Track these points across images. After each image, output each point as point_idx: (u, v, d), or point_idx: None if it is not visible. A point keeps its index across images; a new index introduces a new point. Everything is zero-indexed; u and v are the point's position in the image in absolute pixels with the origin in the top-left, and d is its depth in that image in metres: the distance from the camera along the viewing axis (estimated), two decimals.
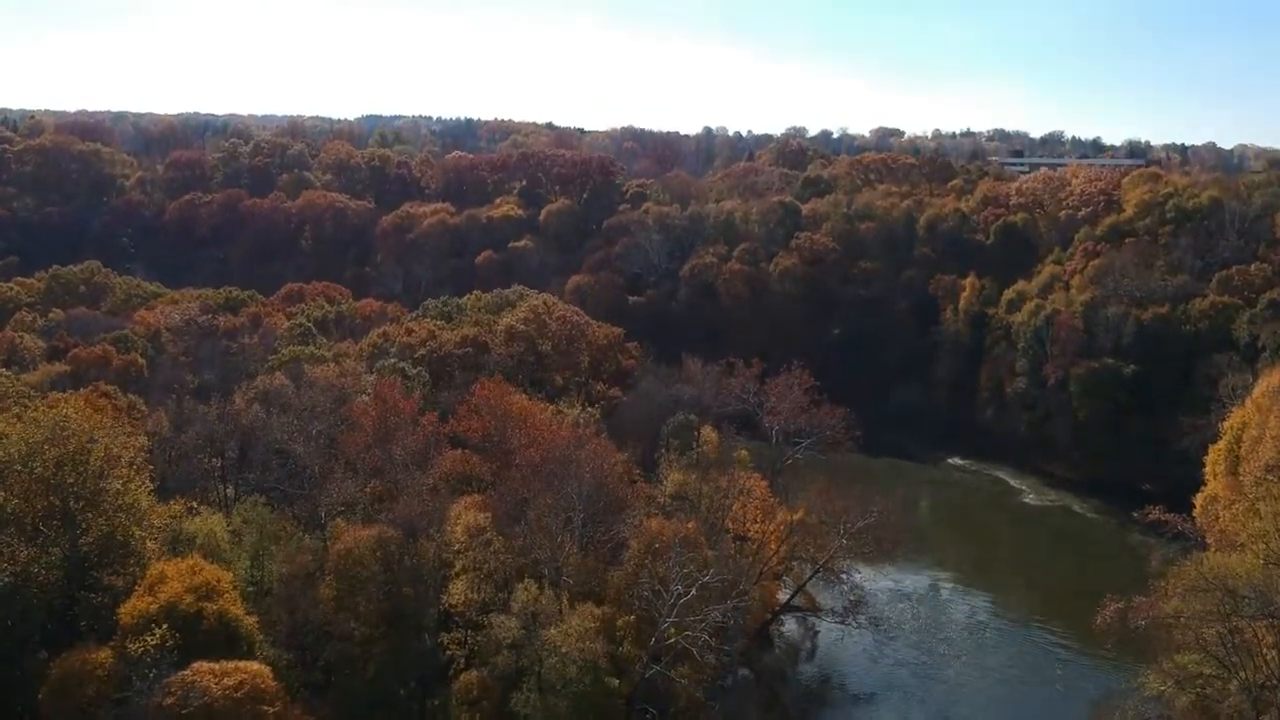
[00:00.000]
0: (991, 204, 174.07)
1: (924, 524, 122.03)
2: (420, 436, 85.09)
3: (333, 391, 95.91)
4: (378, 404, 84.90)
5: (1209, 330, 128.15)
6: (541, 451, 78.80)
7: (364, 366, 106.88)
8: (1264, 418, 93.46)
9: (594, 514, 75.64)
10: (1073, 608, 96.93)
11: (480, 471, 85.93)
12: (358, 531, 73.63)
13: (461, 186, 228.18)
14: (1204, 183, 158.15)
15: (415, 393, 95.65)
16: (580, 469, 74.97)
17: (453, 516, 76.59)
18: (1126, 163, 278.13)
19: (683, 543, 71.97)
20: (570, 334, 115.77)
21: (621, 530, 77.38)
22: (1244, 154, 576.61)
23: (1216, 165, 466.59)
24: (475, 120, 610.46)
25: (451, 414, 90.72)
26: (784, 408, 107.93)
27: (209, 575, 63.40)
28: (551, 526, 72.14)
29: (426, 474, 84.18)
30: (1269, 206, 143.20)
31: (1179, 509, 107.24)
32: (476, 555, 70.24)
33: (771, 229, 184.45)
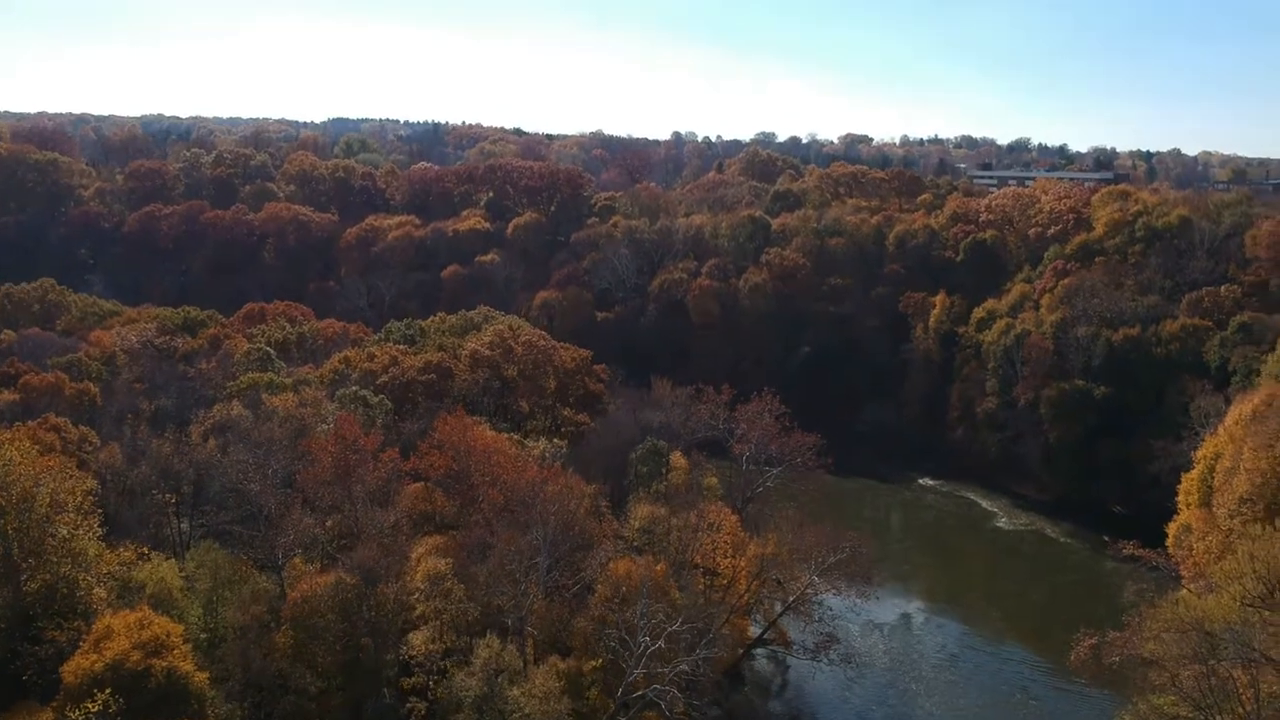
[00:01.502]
0: (961, 221, 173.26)
1: (896, 550, 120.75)
2: (381, 474, 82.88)
3: (292, 423, 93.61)
4: (337, 441, 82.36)
5: (1180, 353, 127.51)
6: (505, 492, 76.71)
7: (325, 393, 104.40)
8: (1237, 448, 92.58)
9: (559, 557, 73.66)
10: (1047, 640, 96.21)
11: (443, 507, 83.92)
12: (315, 578, 71.47)
13: (427, 198, 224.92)
14: (1173, 201, 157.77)
15: (376, 428, 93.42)
16: (545, 511, 72.95)
17: (414, 560, 74.57)
18: (1094, 177, 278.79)
19: (651, 588, 70.10)
20: (537, 359, 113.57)
21: (588, 571, 75.49)
22: (1208, 161, 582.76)
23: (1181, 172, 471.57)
24: (443, 125, 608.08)
25: (414, 447, 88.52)
26: (754, 435, 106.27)
27: (158, 629, 60.90)
28: (515, 573, 70.06)
29: (388, 511, 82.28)
30: (1238, 226, 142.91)
31: (1150, 532, 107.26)
32: (437, 604, 68.07)
33: (741, 244, 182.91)
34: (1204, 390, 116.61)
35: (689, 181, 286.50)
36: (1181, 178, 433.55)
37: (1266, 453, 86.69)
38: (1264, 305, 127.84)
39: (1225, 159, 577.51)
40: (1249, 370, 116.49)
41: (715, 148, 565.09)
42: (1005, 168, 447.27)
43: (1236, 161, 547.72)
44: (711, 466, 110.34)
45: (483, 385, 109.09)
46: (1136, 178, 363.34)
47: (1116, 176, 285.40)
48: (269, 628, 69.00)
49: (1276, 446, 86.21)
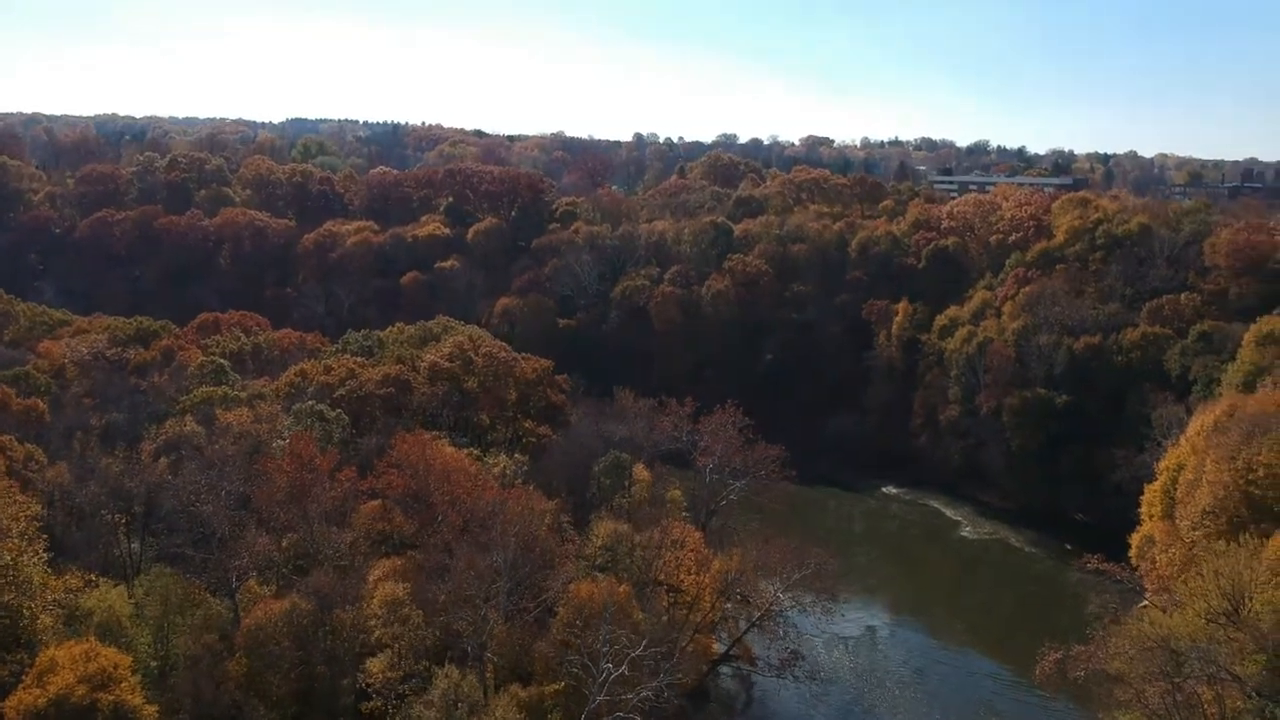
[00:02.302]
0: (923, 228, 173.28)
1: (861, 562, 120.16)
2: (338, 494, 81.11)
3: (247, 440, 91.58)
4: (292, 460, 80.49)
5: (1141, 361, 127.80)
6: (464, 514, 75.22)
7: (281, 407, 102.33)
8: (1200, 460, 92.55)
9: (520, 579, 72.22)
10: (1012, 653, 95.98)
11: (401, 526, 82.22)
12: (270, 604, 69.72)
13: (386, 203, 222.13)
14: (1133, 209, 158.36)
15: (333, 444, 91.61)
16: (505, 533, 71.50)
17: (371, 583, 72.93)
18: (1053, 183, 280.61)
19: (614, 612, 68.81)
20: (497, 370, 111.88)
21: (550, 593, 74.14)
22: (1164, 163, 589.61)
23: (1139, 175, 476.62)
24: (402, 125, 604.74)
25: (372, 463, 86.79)
26: (717, 448, 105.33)
27: (105, 661, 59.05)
28: (475, 598, 68.61)
29: (344, 531, 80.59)
30: (1197, 234, 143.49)
31: (1112, 541, 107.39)
32: (395, 631, 66.48)
33: (704, 250, 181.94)
34: (1165, 400, 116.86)
35: (651, 185, 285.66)
36: (1139, 181, 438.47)
37: (1229, 465, 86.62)
38: (1223, 314, 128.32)
39: (1181, 161, 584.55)
40: (1209, 379, 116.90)
41: (677, 149, 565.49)
42: (965, 171, 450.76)
43: (1192, 164, 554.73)
44: (675, 479, 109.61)
45: (442, 398, 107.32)
46: (1095, 182, 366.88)
47: (1075, 182, 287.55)
48: (221, 656, 67.21)
49: (1239, 459, 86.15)
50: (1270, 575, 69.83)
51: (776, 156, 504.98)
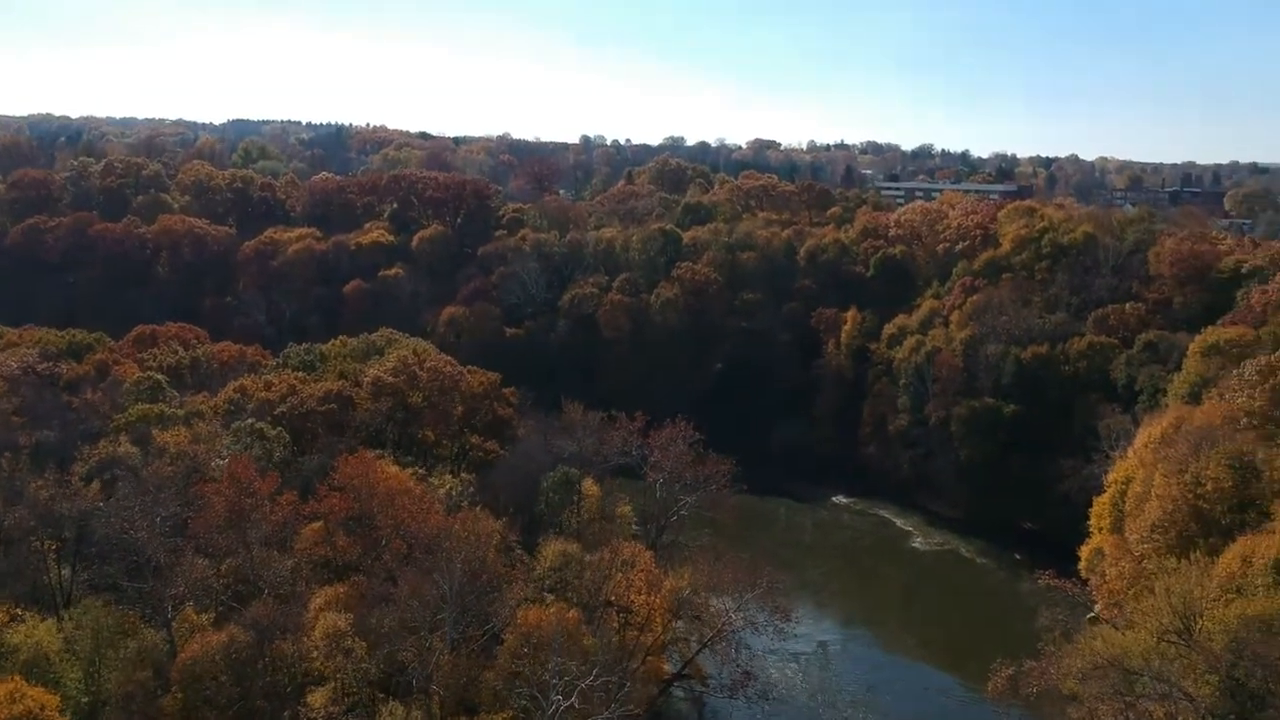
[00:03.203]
0: (871, 235, 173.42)
1: (814, 576, 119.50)
2: (278, 518, 78.73)
3: (184, 461, 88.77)
4: (231, 483, 77.95)
5: (1087, 371, 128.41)
6: (409, 539, 73.25)
7: (220, 425, 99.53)
8: (1148, 473, 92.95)
9: (467, 606, 70.33)
10: (965, 667, 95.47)
11: (344, 549, 79.96)
12: (207, 636, 67.31)
13: (329, 209, 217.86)
14: (1079, 218, 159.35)
15: (273, 463, 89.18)
16: (451, 560, 69.56)
17: (312, 612, 70.73)
18: (998, 189, 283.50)
19: (563, 641, 67.12)
20: (443, 385, 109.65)
21: (498, 615, 72.34)
22: (1105, 167, 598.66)
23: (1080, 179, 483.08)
24: (347, 127, 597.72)
25: (314, 484, 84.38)
26: (668, 463, 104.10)
27: (31, 702, 56.80)
28: (420, 627, 66.67)
29: (285, 556, 78.31)
30: (1141, 243, 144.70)
31: (1061, 549, 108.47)
32: (337, 663, 64.36)
33: (652, 257, 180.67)
34: (1112, 411, 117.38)
35: (598, 190, 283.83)
36: (1081, 185, 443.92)
37: (1177, 479, 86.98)
38: (1168, 323, 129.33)
39: (1122, 164, 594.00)
40: (1155, 389, 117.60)
41: (624, 152, 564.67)
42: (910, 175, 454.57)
43: (1132, 167, 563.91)
44: (625, 493, 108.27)
45: (386, 415, 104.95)
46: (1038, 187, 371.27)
47: (1020, 189, 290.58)
48: (155, 693, 64.74)
49: (1187, 473, 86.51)
50: (1221, 593, 70.00)
51: (724, 159, 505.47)
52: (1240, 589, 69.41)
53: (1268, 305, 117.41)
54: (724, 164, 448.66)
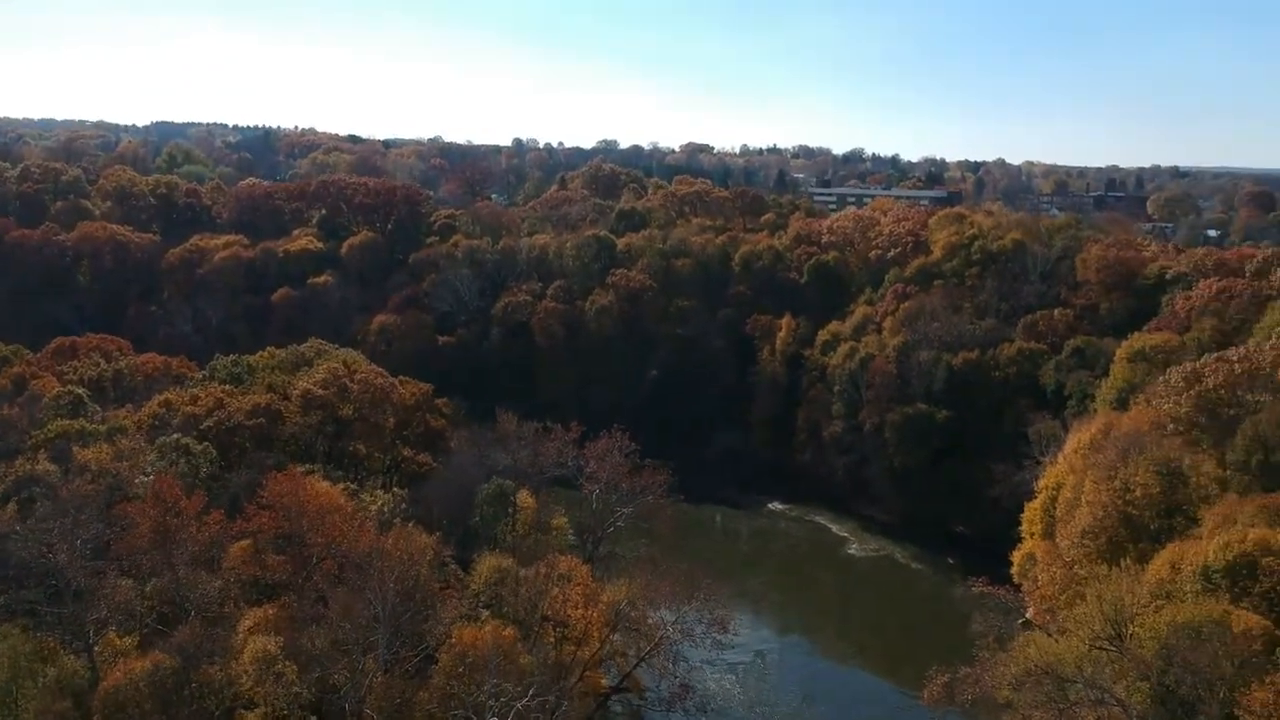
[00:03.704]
0: (804, 242, 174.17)
1: (751, 585, 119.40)
2: (205, 538, 76.63)
3: (106, 479, 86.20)
4: (155, 503, 75.72)
5: (1017, 376, 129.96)
6: (340, 559, 71.72)
7: (144, 439, 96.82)
8: (1079, 479, 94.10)
9: (400, 626, 68.97)
10: (903, 674, 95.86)
11: (274, 566, 78.08)
12: (131, 663, 65.16)
13: (256, 216, 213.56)
14: (1007, 224, 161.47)
15: (200, 479, 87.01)
16: (383, 580, 68.15)
17: (241, 634, 68.93)
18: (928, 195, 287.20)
19: (499, 663, 66.08)
20: (374, 397, 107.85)
21: (433, 634, 71.09)
22: (1031, 171, 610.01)
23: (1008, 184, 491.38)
24: (274, 130, 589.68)
25: (241, 504, 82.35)
26: (604, 474, 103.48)
27: None
28: (352, 650, 65.21)
29: (213, 576, 76.25)
30: (1069, 249, 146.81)
31: (993, 553, 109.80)
32: (268, 689, 62.70)
33: (586, 264, 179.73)
34: (1042, 417, 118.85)
35: (532, 195, 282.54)
36: (1008, 190, 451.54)
37: (1106, 485, 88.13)
38: (1095, 329, 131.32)
39: (1048, 169, 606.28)
40: (1084, 394, 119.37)
41: (557, 155, 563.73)
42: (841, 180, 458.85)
43: (1058, 172, 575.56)
44: (561, 504, 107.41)
45: (316, 428, 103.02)
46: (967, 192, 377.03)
47: (950, 196, 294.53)
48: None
49: (1116, 479, 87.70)
50: (1151, 599, 70.90)
51: (657, 163, 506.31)
52: (1170, 595, 70.36)
53: (1191, 311, 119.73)
54: (657, 168, 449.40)
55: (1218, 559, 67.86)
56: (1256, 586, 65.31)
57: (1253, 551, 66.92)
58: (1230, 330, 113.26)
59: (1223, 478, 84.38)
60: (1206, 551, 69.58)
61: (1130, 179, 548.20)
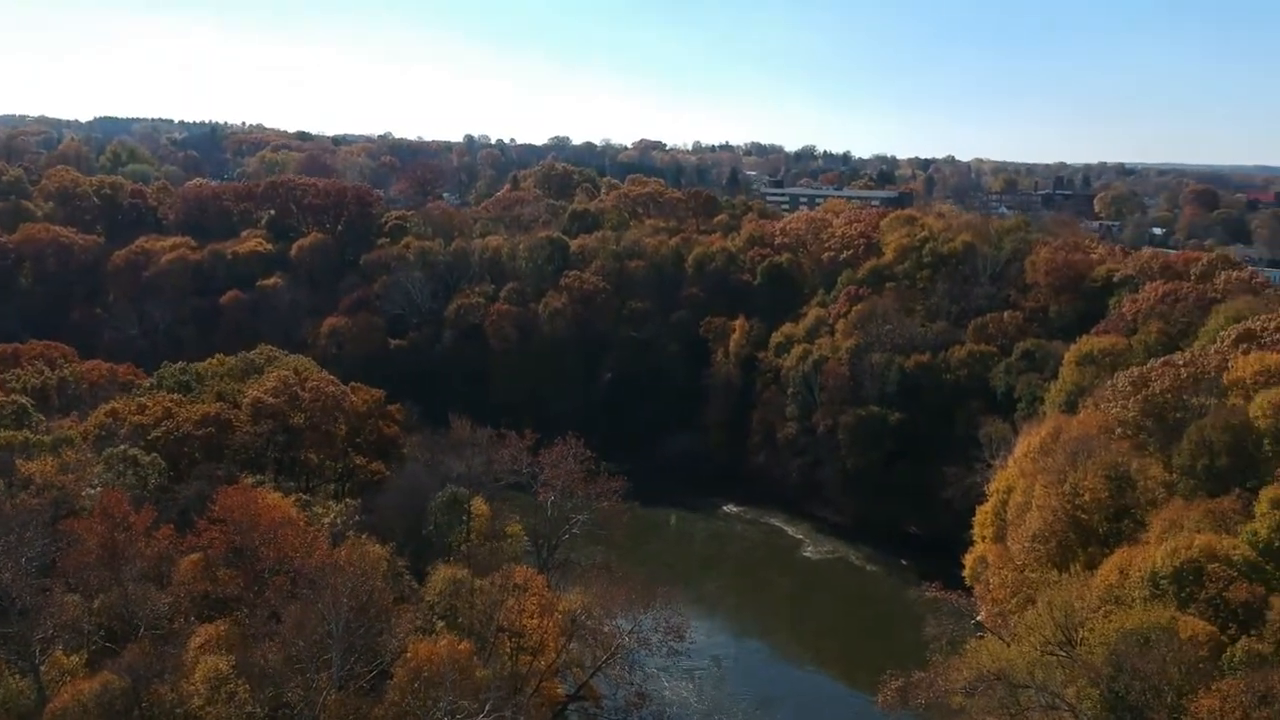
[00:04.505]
0: (757, 244, 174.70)
1: (708, 589, 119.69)
2: (154, 553, 75.35)
3: (51, 492, 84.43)
4: (103, 519, 74.34)
5: (968, 378, 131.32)
6: (293, 575, 70.87)
7: (90, 451, 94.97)
8: (1029, 482, 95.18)
9: (354, 642, 68.22)
10: (858, 678, 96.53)
11: (226, 581, 77.00)
12: (78, 684, 63.90)
13: (204, 217, 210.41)
14: (958, 226, 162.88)
15: (149, 491, 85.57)
16: (336, 595, 67.37)
17: (192, 652, 67.86)
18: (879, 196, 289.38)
19: (454, 680, 65.61)
20: (325, 405, 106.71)
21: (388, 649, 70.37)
22: (980, 168, 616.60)
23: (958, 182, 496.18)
24: (221, 126, 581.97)
25: (191, 518, 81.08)
26: (559, 481, 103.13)
27: None
28: (305, 667, 64.44)
29: (163, 592, 74.95)
30: (1018, 252, 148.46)
31: (945, 554, 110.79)
32: (219, 710, 61.78)
33: (540, 266, 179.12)
34: (992, 419, 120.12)
35: (484, 194, 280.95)
36: (958, 188, 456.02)
37: (1056, 490, 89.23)
38: (1044, 331, 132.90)
39: (997, 166, 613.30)
40: (1033, 397, 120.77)
41: (509, 153, 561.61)
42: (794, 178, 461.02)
43: (1007, 169, 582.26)
44: (516, 511, 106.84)
45: (266, 437, 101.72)
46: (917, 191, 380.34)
47: (901, 196, 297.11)
48: None
49: (1065, 483, 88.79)
50: (1100, 604, 71.87)
51: (610, 161, 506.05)
52: (1119, 600, 71.33)
53: (1138, 314, 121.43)
54: (610, 166, 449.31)
55: (1165, 565, 68.81)
56: (1203, 593, 66.25)
57: (1199, 558, 67.92)
58: (1176, 333, 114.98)
59: (1170, 481, 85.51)
60: (1154, 558, 70.54)
61: (1078, 176, 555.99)
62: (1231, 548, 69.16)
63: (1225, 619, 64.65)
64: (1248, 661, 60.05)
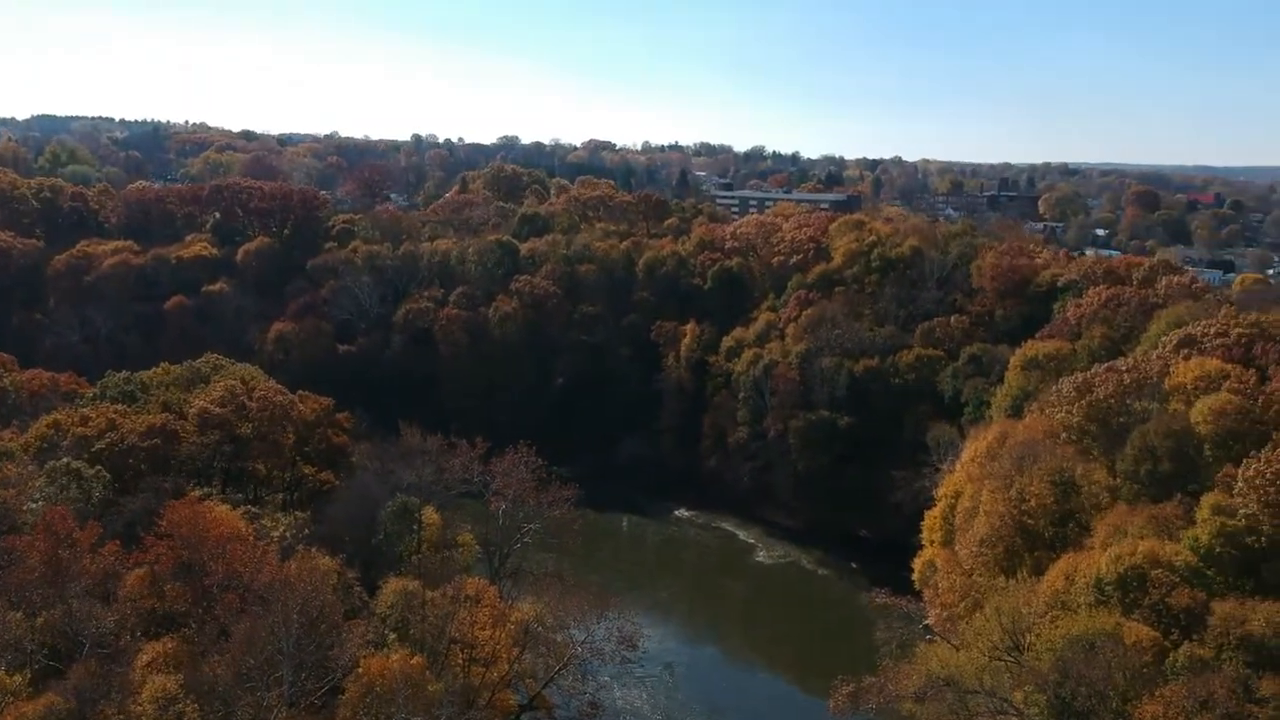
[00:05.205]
0: (708, 248, 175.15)
1: (661, 596, 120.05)
2: (100, 569, 74.13)
3: None
4: (46, 536, 73.02)
5: (916, 383, 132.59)
6: (242, 593, 70.09)
7: (31, 464, 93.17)
8: (977, 487, 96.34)
9: (304, 658, 67.58)
10: (810, 684, 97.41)
11: (173, 596, 75.90)
12: (20, 707, 62.66)
13: (147, 221, 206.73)
14: (905, 231, 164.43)
15: (92, 505, 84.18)
16: (287, 611, 66.71)
17: (139, 671, 66.85)
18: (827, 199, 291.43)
19: (408, 688, 65.29)
20: (273, 415, 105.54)
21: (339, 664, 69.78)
22: (927, 169, 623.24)
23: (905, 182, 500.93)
24: (164, 125, 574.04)
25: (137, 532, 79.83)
26: (510, 490, 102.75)
27: None
28: (256, 686, 63.74)
29: (109, 609, 73.71)
30: (964, 256, 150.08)
31: (894, 557, 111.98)
32: None
33: (490, 270, 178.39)
34: (940, 424, 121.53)
35: (432, 195, 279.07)
36: (905, 189, 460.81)
37: (1003, 495, 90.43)
38: (991, 335, 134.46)
39: (943, 166, 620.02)
40: (980, 401, 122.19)
41: (458, 152, 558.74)
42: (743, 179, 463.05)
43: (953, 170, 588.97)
44: (467, 520, 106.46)
45: (213, 448, 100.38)
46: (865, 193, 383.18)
47: (849, 199, 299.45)
48: None
49: (1012, 489, 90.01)
50: (1047, 609, 73.00)
51: (559, 161, 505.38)
52: (1065, 605, 72.46)
53: (1082, 319, 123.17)
54: (559, 166, 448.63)
55: (1109, 572, 70.04)
56: (1146, 599, 67.54)
57: (1142, 564, 69.25)
58: (1119, 338, 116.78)
59: (1114, 486, 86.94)
60: (1099, 564, 71.79)
61: (1022, 177, 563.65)
62: (1174, 554, 70.55)
63: (1168, 624, 65.90)
64: (1190, 667, 61.23)
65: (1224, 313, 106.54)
